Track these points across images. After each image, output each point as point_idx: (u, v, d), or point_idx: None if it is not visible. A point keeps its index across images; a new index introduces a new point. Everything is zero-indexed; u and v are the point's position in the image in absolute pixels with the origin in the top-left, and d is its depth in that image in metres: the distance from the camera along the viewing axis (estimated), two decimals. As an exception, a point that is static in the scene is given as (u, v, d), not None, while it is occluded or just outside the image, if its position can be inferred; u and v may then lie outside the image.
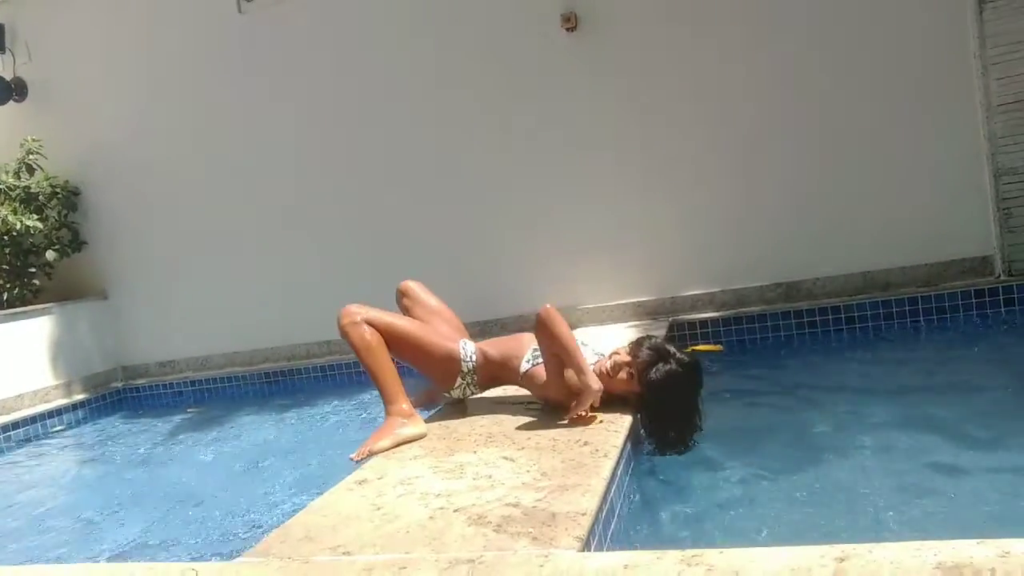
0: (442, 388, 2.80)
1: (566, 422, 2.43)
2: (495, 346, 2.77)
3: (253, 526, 2.67)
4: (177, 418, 5.02)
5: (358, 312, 2.60)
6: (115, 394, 5.90)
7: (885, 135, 4.31)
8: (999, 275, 4.13)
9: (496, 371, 2.74)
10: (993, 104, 4.07)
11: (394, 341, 2.63)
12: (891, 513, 1.98)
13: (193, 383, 5.75)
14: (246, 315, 5.76)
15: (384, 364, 2.57)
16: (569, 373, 2.48)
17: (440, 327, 2.81)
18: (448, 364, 2.71)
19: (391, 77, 5.20)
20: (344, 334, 2.59)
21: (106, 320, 6.14)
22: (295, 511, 2.06)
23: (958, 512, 1.95)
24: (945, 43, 4.17)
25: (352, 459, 2.44)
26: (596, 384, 2.40)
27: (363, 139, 5.30)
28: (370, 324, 2.58)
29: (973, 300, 4.01)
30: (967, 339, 3.81)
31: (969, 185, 4.19)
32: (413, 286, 2.94)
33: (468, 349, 2.73)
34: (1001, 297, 3.98)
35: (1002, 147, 4.09)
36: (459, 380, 2.73)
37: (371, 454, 2.42)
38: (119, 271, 6.13)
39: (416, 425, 2.56)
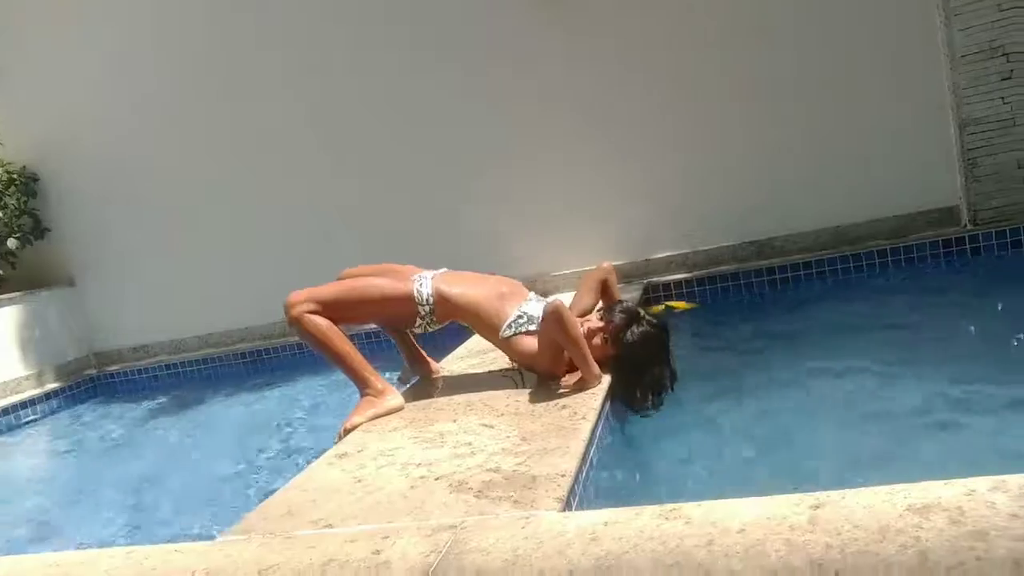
0: (404, 327, 2.76)
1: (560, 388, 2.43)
2: (461, 287, 2.65)
3: (235, 505, 2.66)
4: (153, 402, 4.98)
5: (299, 297, 2.51)
6: (89, 382, 5.83)
7: (851, 90, 4.32)
8: (965, 224, 4.19)
9: (460, 315, 2.65)
10: (956, 55, 4.09)
11: (346, 307, 2.56)
12: (861, 457, 2.02)
13: (168, 367, 5.69)
14: (219, 295, 5.68)
15: (343, 349, 2.51)
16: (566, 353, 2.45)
17: (386, 275, 2.71)
18: (405, 311, 2.61)
19: (344, 49, 5.10)
20: (294, 326, 2.53)
21: (75, 307, 6.03)
22: (276, 488, 2.06)
23: (926, 453, 2.00)
24: (909, -5, 4.17)
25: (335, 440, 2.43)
26: (599, 374, 2.40)
27: (325, 114, 5.20)
28: (316, 303, 2.50)
29: (941, 250, 4.08)
30: (935, 288, 3.87)
31: (934, 136, 4.23)
32: (351, 270, 2.85)
33: (424, 291, 2.60)
34: (968, 247, 4.05)
35: (966, 98, 4.12)
36: (418, 321, 2.64)
37: (346, 432, 2.40)
38: (86, 257, 6.00)
39: (391, 398, 2.54)
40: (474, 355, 3.23)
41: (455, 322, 2.72)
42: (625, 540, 1.30)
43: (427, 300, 2.60)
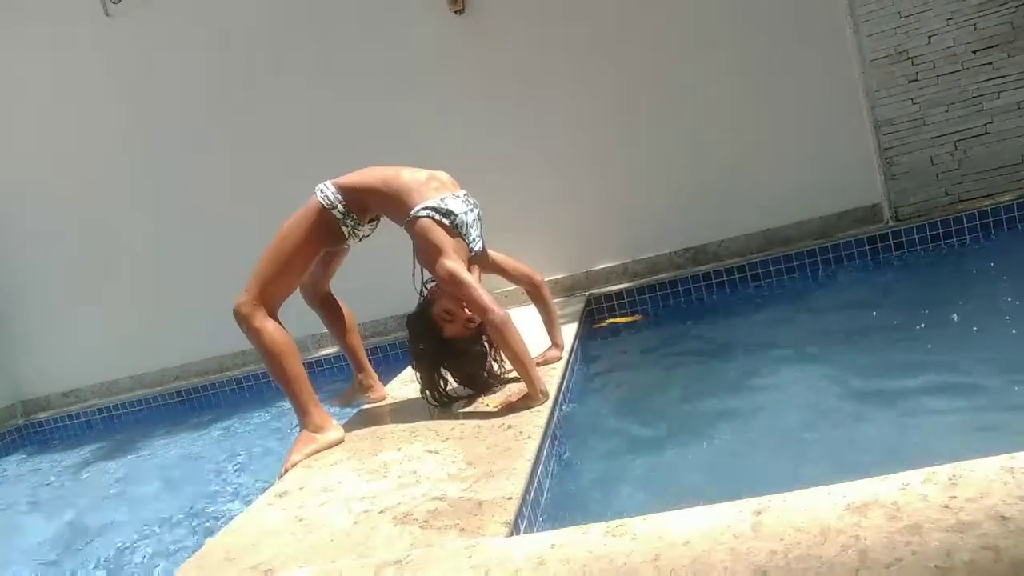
0: (340, 245, 2.66)
1: (493, 407, 2.42)
2: (364, 171, 2.60)
3: (172, 552, 2.55)
4: (86, 449, 4.75)
5: (247, 303, 2.45)
6: (15, 432, 5.54)
7: (770, 98, 4.46)
8: (887, 221, 4.36)
9: (371, 198, 2.55)
10: (867, 59, 4.27)
11: (286, 275, 2.50)
12: (800, 458, 2.06)
13: (100, 411, 5.45)
14: (150, 333, 5.48)
15: (293, 371, 2.46)
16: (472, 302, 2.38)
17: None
18: (326, 226, 2.53)
19: (277, 70, 5.02)
20: (248, 335, 2.47)
21: (-1, 353, 5.74)
22: (216, 532, 1.97)
23: (859, 450, 2.04)
24: (819, 5, 4.33)
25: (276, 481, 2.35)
26: (545, 390, 2.37)
27: (255, 136, 5.10)
28: (261, 295, 2.45)
29: (867, 247, 4.23)
30: (863, 284, 4.00)
31: (852, 138, 4.39)
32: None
33: (328, 192, 2.54)
34: (891, 242, 4.21)
35: (879, 100, 4.30)
36: (343, 229, 2.56)
37: (286, 471, 2.32)
38: (7, 299, 5.72)
39: (331, 431, 2.47)
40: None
41: (376, 215, 2.62)
42: (573, 562, 1.28)
43: (334, 199, 2.52)
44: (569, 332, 3.35)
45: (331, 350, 4.97)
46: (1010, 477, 1.19)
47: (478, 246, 2.59)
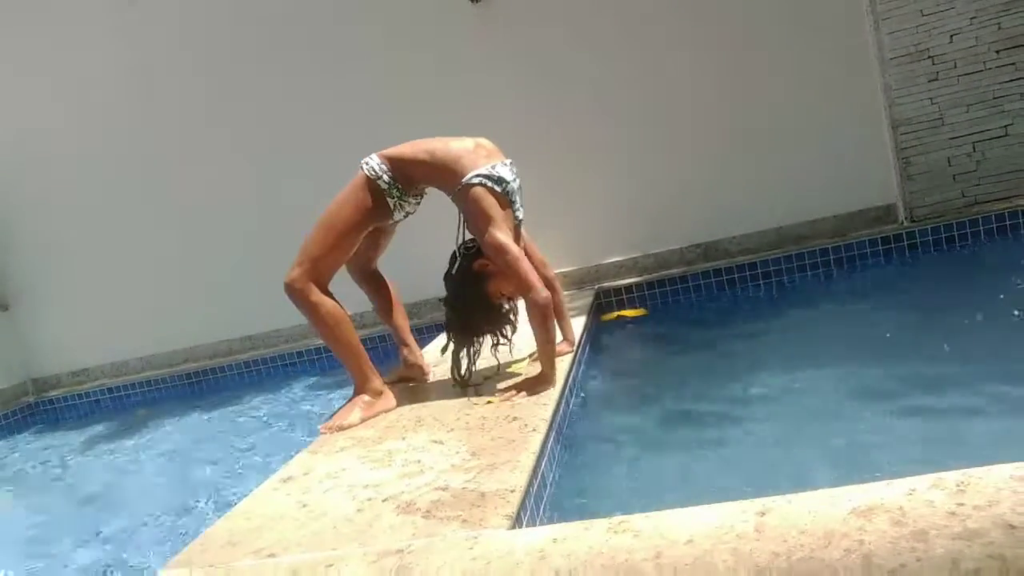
0: (387, 220, 2.63)
1: (494, 400, 2.42)
2: (409, 143, 2.60)
3: (177, 534, 2.57)
4: (94, 428, 4.79)
5: (299, 278, 2.47)
6: (26, 409, 5.59)
7: (789, 94, 4.41)
8: (902, 222, 4.31)
9: (419, 171, 2.54)
10: (887, 57, 4.21)
11: (337, 251, 2.52)
12: (806, 460, 2.04)
13: (110, 390, 5.49)
14: (161, 315, 5.50)
15: (351, 341, 2.52)
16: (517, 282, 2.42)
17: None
18: (372, 198, 2.51)
19: (296, 57, 5.01)
20: (303, 309, 2.51)
21: (9, 332, 5.78)
22: (220, 515, 1.98)
23: (865, 453, 2.03)
24: (840, 1, 4.27)
25: (321, 430, 2.47)
26: (555, 379, 2.42)
27: (272, 125, 5.10)
28: (312, 269, 2.47)
29: (880, 247, 4.18)
30: (876, 285, 3.97)
31: (870, 137, 4.34)
32: None
33: (373, 165, 2.53)
34: (905, 243, 4.16)
35: (897, 99, 4.24)
36: (389, 201, 2.53)
37: (340, 430, 2.43)
38: (19, 279, 5.77)
39: (388, 398, 2.57)
40: (425, 368, 3.19)
41: (421, 188, 2.62)
42: (574, 557, 1.28)
43: (379, 170, 2.52)
44: (578, 325, 3.34)
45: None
46: (1020, 486, 1.18)
47: (521, 214, 2.61)
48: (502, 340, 2.64)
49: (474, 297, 2.54)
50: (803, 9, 4.32)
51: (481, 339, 2.63)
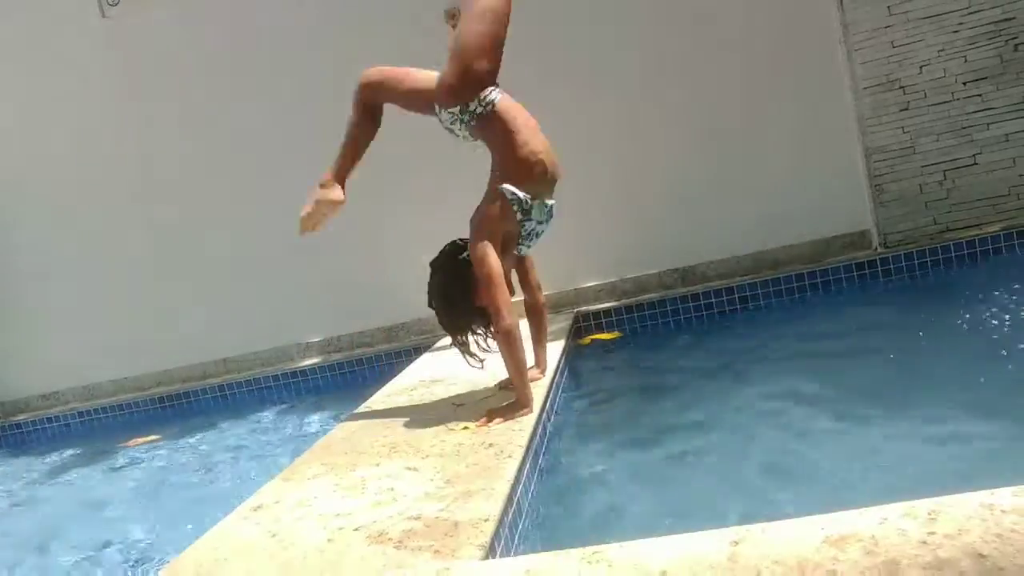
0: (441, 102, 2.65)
1: (471, 426, 2.40)
2: (525, 117, 2.71)
3: (144, 563, 2.50)
4: (64, 454, 4.68)
5: (372, 75, 2.68)
6: (-7, 433, 5.46)
7: (765, 121, 4.48)
8: (876, 248, 4.37)
9: (498, 130, 2.63)
10: (859, 87, 4.30)
11: (405, 92, 2.68)
12: (781, 488, 2.04)
13: (81, 414, 5.37)
14: (134, 338, 5.41)
15: (353, 139, 2.70)
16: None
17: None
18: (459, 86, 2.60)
19: (272, 84, 5.01)
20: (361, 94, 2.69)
21: (-24, 355, 5.66)
22: (187, 545, 1.93)
23: (840, 478, 2.03)
24: (814, 32, 4.36)
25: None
26: (531, 406, 2.42)
27: (244, 141, 5.08)
28: (381, 86, 2.68)
29: (855, 273, 4.23)
30: (849, 309, 4.01)
31: (844, 165, 4.41)
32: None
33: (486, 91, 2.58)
34: (879, 268, 4.22)
35: (870, 127, 4.32)
36: (456, 111, 2.64)
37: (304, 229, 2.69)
38: (-11, 300, 5.66)
39: (332, 190, 2.67)
40: (401, 392, 3.16)
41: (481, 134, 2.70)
42: (546, 588, 1.26)
43: (486, 98, 2.65)
44: (556, 349, 3.33)
45: (315, 360, 4.93)
46: (989, 514, 1.18)
47: (524, 252, 2.70)
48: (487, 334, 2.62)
49: (456, 291, 2.57)
50: (777, 41, 4.41)
51: (470, 331, 2.61)
